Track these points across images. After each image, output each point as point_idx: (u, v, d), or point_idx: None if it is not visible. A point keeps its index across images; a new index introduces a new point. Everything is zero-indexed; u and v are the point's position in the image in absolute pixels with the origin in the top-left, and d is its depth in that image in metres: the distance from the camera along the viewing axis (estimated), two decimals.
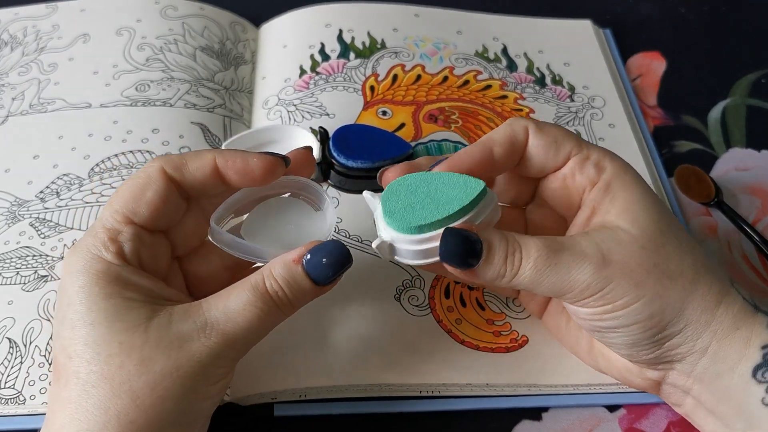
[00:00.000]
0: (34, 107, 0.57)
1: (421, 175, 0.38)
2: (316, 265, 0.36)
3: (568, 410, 0.43)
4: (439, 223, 0.36)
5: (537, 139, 0.39)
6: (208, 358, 0.34)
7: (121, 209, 0.36)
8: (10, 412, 0.42)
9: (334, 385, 0.42)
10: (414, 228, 0.37)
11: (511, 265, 0.36)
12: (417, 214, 0.37)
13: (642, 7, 0.71)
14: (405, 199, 0.37)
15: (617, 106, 0.60)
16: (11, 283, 0.47)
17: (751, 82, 0.64)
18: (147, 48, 0.61)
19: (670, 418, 0.43)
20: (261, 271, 0.36)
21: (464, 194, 0.37)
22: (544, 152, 0.39)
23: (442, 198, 0.37)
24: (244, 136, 0.53)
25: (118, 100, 0.57)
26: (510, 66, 0.62)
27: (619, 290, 0.36)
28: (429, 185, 0.38)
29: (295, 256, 0.36)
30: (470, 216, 0.37)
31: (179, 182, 0.38)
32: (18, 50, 0.62)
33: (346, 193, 0.52)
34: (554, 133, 0.40)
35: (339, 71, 0.60)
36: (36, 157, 0.54)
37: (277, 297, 0.36)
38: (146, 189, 0.37)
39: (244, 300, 0.35)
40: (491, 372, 0.43)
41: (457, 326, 0.45)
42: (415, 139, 0.55)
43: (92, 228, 0.37)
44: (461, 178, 0.37)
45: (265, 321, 0.36)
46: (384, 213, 0.37)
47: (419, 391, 0.43)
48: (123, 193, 0.37)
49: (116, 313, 0.34)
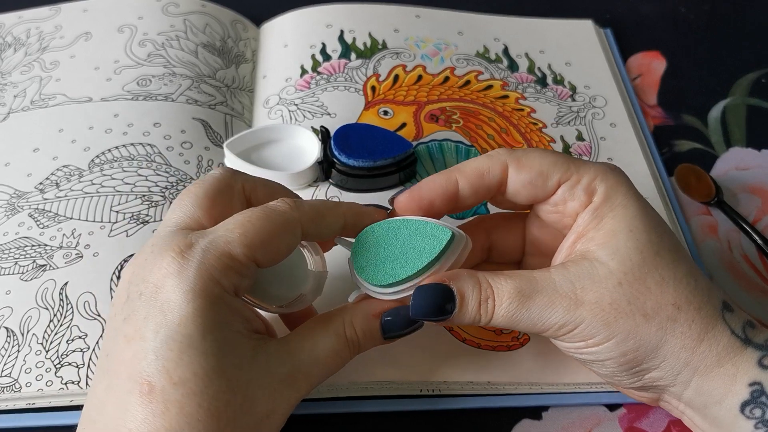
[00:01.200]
0: (35, 103, 0.57)
1: (389, 223, 0.38)
2: (392, 324, 0.38)
3: (569, 409, 0.43)
4: (408, 278, 0.37)
5: (519, 174, 0.38)
6: (296, 402, 0.35)
7: (254, 249, 0.34)
8: (6, 398, 0.42)
9: (333, 384, 0.42)
10: (385, 285, 0.38)
11: (485, 311, 0.37)
12: (387, 270, 0.37)
13: (642, 7, 0.71)
14: (374, 253, 0.38)
15: (618, 106, 0.60)
16: (10, 273, 0.47)
17: (751, 82, 0.64)
18: (149, 44, 0.61)
19: (670, 417, 0.43)
20: (341, 318, 0.37)
21: (432, 245, 0.37)
22: (530, 187, 0.38)
23: (411, 251, 0.37)
24: (245, 135, 0.53)
25: (119, 94, 0.57)
26: (511, 66, 0.62)
27: (591, 329, 0.36)
28: (397, 236, 0.38)
29: (376, 311, 0.38)
30: (439, 267, 0.37)
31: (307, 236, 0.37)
32: (21, 51, 0.62)
33: (348, 192, 0.52)
34: (538, 165, 0.38)
35: (340, 71, 0.60)
36: (36, 150, 0.54)
37: (354, 344, 0.37)
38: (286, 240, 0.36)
39: (330, 347, 0.36)
40: (492, 370, 0.43)
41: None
42: (417, 139, 0.55)
43: (215, 245, 0.34)
44: (428, 227, 0.37)
45: (339, 366, 0.37)
46: (356, 268, 0.38)
47: (420, 389, 0.43)
48: (264, 233, 0.35)
49: (227, 345, 0.33)
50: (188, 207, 0.37)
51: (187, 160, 0.53)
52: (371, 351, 0.42)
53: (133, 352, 0.32)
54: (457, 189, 0.39)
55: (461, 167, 0.39)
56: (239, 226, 0.34)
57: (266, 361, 0.34)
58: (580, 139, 0.57)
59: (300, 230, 0.36)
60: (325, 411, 0.43)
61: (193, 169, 0.53)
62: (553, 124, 0.58)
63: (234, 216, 0.35)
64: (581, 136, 0.57)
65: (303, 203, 0.37)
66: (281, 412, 0.34)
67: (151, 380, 0.31)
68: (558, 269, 0.37)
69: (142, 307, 0.33)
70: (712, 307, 0.36)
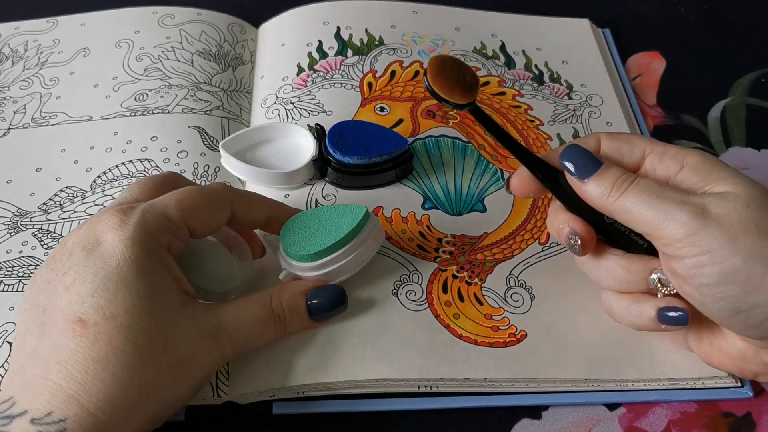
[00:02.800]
0: (36, 120, 0.58)
1: (312, 210, 0.45)
2: (317, 306, 0.42)
3: (568, 409, 0.43)
4: (332, 248, 0.42)
5: (608, 142, 0.41)
6: (217, 356, 0.38)
7: (189, 215, 0.39)
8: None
9: (331, 382, 0.42)
10: (312, 255, 0.42)
11: (619, 186, 0.38)
12: (313, 243, 0.43)
13: (642, 7, 0.71)
14: (300, 232, 0.43)
15: (615, 105, 0.59)
16: (14, 290, 0.48)
17: (751, 81, 0.64)
18: (145, 58, 0.62)
19: (670, 416, 0.43)
20: (269, 292, 0.41)
21: (351, 219, 0.43)
22: (617, 154, 0.41)
23: (332, 225, 0.43)
24: (241, 135, 0.53)
25: (117, 111, 0.58)
26: (508, 63, 0.62)
27: (714, 240, 0.35)
28: (320, 217, 0.44)
29: (303, 289, 0.42)
30: (360, 236, 0.43)
31: (236, 218, 0.42)
32: (19, 64, 0.62)
33: (344, 189, 0.52)
34: (626, 135, 0.42)
35: (336, 68, 0.60)
36: (38, 170, 0.55)
37: (280, 318, 0.41)
38: (216, 213, 0.40)
39: (255, 314, 0.40)
40: (489, 367, 0.43)
41: (455, 321, 0.45)
42: (413, 135, 0.55)
43: (154, 207, 0.38)
44: (347, 207, 0.44)
45: (264, 337, 0.41)
46: (284, 247, 0.43)
47: (417, 387, 0.42)
48: (197, 202, 0.39)
49: (158, 290, 0.36)
50: (135, 191, 0.41)
51: (183, 169, 0.54)
52: (368, 350, 0.42)
53: (71, 296, 0.35)
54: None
55: (560, 147, 0.42)
56: (176, 194, 0.39)
57: (192, 314, 0.37)
58: (577, 138, 0.56)
59: (230, 208, 0.41)
60: (324, 410, 0.42)
61: (188, 177, 0.53)
62: (549, 122, 0.57)
63: (172, 191, 0.40)
64: (578, 134, 0.57)
65: (235, 188, 0.43)
66: (202, 361, 0.37)
67: (85, 317, 0.35)
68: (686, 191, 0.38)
69: (83, 258, 0.36)
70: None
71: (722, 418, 0.43)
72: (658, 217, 0.37)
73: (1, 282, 0.48)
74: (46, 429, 0.32)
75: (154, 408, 0.36)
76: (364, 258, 0.44)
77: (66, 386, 0.33)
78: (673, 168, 0.40)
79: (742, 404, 0.43)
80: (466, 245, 0.49)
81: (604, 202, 0.39)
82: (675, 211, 0.36)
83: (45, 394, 0.33)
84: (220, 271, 0.43)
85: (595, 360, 0.43)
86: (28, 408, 0.33)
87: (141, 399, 0.34)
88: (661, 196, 0.37)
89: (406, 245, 0.48)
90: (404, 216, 0.50)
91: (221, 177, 0.53)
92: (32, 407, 0.33)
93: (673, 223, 0.36)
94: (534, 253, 0.49)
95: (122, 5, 0.66)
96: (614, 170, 0.39)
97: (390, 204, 0.51)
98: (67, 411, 0.33)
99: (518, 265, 0.48)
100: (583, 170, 0.39)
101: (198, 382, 0.38)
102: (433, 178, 0.52)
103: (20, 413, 0.33)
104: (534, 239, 0.49)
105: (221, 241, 0.44)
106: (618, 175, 0.39)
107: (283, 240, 0.43)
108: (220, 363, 0.39)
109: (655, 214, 0.37)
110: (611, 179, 0.39)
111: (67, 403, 0.33)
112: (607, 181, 0.39)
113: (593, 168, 0.39)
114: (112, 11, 0.66)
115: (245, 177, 0.52)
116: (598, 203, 0.39)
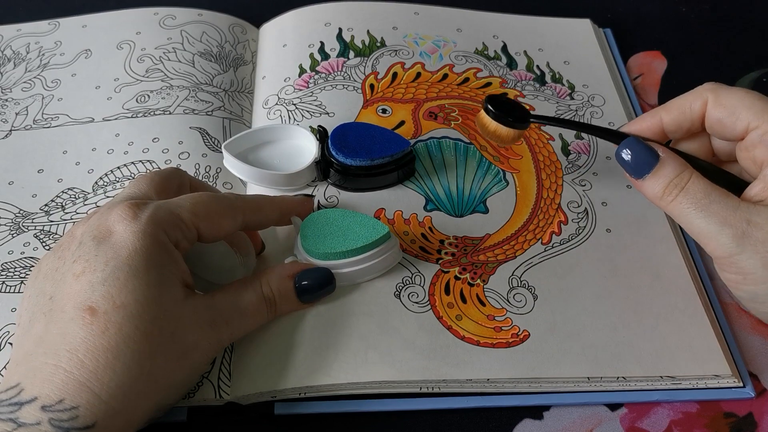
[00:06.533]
0: (38, 122, 0.58)
1: (342, 211, 0.46)
2: (305, 288, 0.43)
3: (570, 409, 0.43)
4: (341, 254, 0.44)
5: (713, 111, 0.41)
6: (216, 343, 0.39)
7: (200, 220, 0.40)
8: None
9: (333, 383, 0.42)
10: (321, 254, 0.44)
11: (670, 191, 0.39)
12: (327, 244, 0.44)
13: (643, 7, 0.71)
14: (320, 229, 0.45)
15: (617, 105, 0.59)
16: (15, 291, 0.48)
17: (752, 81, 0.64)
18: (147, 59, 0.62)
19: (671, 416, 0.43)
20: (259, 278, 0.42)
21: (370, 234, 0.44)
22: (719, 125, 0.41)
23: (352, 234, 0.44)
24: (243, 136, 0.53)
25: (119, 113, 0.58)
26: (510, 64, 0.62)
27: (750, 265, 0.37)
28: (343, 221, 0.45)
29: (290, 273, 0.43)
30: (371, 253, 0.44)
31: (247, 225, 0.43)
32: (21, 66, 0.63)
33: (346, 191, 0.52)
34: (732, 105, 0.41)
35: (338, 70, 0.60)
36: (40, 171, 0.55)
37: (270, 302, 0.42)
38: (227, 222, 0.41)
39: (248, 300, 0.41)
40: (492, 367, 0.43)
41: (458, 322, 0.45)
42: (415, 137, 0.55)
43: (167, 205, 0.39)
44: (371, 221, 0.45)
45: (257, 321, 0.42)
46: (300, 236, 0.45)
47: (419, 388, 0.42)
48: (210, 209, 0.40)
49: (166, 282, 0.37)
50: (143, 186, 0.42)
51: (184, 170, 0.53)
52: (371, 351, 0.42)
53: (81, 284, 0.36)
54: (661, 126, 0.43)
55: (667, 105, 0.43)
56: (191, 198, 0.40)
57: (194, 306, 0.38)
58: (579, 138, 0.56)
59: (241, 217, 0.42)
60: (325, 410, 0.42)
61: None
62: None
63: (187, 194, 0.41)
64: (580, 134, 0.57)
65: (246, 197, 0.44)
66: (204, 349, 0.38)
67: (95, 305, 0.35)
68: (745, 201, 0.39)
69: (93, 247, 0.37)
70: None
71: (724, 419, 0.43)
72: (700, 233, 0.38)
73: (3, 283, 0.48)
74: (58, 416, 0.32)
75: (161, 395, 0.37)
76: (370, 274, 0.45)
77: (77, 374, 0.33)
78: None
79: (743, 404, 0.43)
80: (469, 247, 0.49)
81: (658, 204, 0.41)
82: (715, 232, 0.38)
83: (56, 381, 0.33)
84: (223, 265, 0.44)
85: (598, 358, 0.43)
86: (37, 395, 0.33)
87: (150, 387, 0.35)
88: (707, 210, 0.38)
89: (409, 247, 0.48)
90: (406, 218, 0.50)
91: (223, 178, 0.53)
92: (42, 394, 0.33)
93: (713, 242, 0.38)
94: (536, 254, 0.49)
95: (123, 6, 0.67)
96: (667, 171, 0.40)
97: (392, 206, 0.51)
98: (79, 398, 0.33)
99: (521, 266, 0.48)
100: (637, 170, 0.41)
101: (199, 369, 0.40)
102: (435, 179, 0.53)
103: (29, 400, 0.33)
104: (536, 239, 0.50)
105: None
106: (670, 177, 0.40)
107: (303, 229, 0.45)
108: (218, 349, 0.40)
109: (698, 229, 0.39)
110: (664, 182, 0.40)
111: (79, 391, 0.33)
112: (659, 183, 0.40)
113: (647, 168, 0.41)
114: (114, 12, 0.66)
115: (247, 178, 0.52)
116: (654, 202, 0.42)
